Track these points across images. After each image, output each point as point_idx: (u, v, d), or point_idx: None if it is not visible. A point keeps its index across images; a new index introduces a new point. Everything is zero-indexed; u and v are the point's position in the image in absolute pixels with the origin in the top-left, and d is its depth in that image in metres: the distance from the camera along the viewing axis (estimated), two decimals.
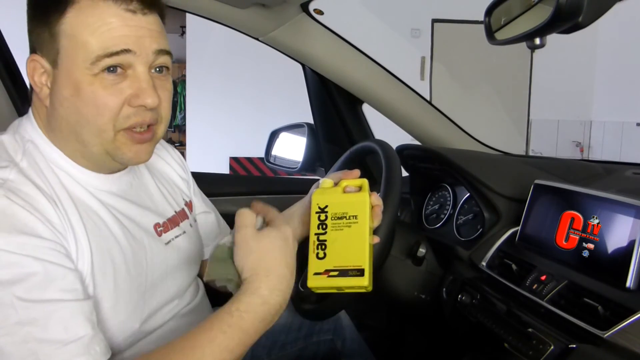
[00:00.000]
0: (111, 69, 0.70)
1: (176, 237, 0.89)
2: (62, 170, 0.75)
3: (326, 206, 0.79)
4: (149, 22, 0.73)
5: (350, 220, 0.77)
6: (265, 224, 0.78)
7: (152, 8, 0.73)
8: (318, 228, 0.78)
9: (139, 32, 0.71)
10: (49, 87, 0.72)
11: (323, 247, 0.77)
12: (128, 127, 0.73)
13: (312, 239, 0.78)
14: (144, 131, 0.75)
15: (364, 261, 0.75)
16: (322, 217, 0.78)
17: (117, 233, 0.77)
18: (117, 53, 0.70)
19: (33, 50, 0.73)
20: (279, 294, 0.71)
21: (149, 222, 0.84)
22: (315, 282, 0.76)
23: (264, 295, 0.70)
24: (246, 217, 0.75)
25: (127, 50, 0.70)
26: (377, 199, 0.82)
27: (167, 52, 0.75)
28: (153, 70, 0.75)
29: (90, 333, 0.66)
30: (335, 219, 0.78)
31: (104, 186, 0.79)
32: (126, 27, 0.70)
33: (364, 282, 0.75)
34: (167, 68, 0.77)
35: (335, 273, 0.75)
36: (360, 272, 0.75)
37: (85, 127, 0.72)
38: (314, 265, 0.77)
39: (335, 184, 0.83)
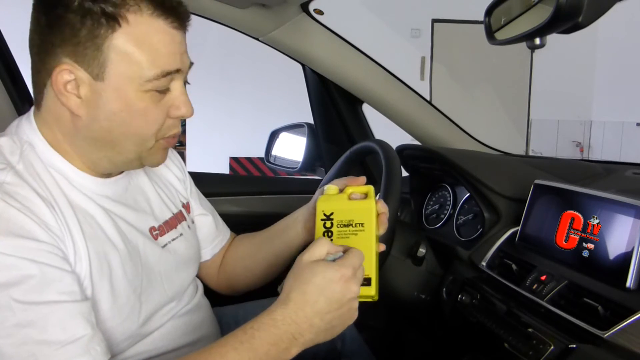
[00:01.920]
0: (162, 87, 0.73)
1: (173, 239, 0.89)
2: (58, 173, 0.74)
3: (332, 213, 0.77)
4: (184, 37, 0.75)
5: (356, 228, 0.76)
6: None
7: (187, 24, 0.75)
8: (324, 235, 0.76)
9: (181, 48, 0.74)
10: (80, 97, 0.70)
11: None
12: (168, 137, 0.78)
13: None
14: (175, 137, 0.80)
15: (371, 270, 0.74)
16: (328, 224, 0.77)
17: (113, 236, 0.77)
18: (170, 73, 0.72)
19: (58, 58, 0.69)
20: (293, 327, 0.68)
21: (145, 226, 0.84)
22: None
23: (275, 319, 0.68)
24: (320, 247, 0.72)
25: (178, 70, 0.73)
26: (383, 206, 0.81)
27: (191, 65, 0.78)
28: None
29: (90, 333, 0.66)
30: (341, 227, 0.76)
31: (100, 190, 0.78)
32: (174, 45, 0.72)
33: (371, 292, 0.73)
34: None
35: None
36: (367, 282, 0.73)
37: (131, 139, 0.74)
38: None
39: (341, 191, 0.82)
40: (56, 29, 0.68)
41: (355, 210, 0.77)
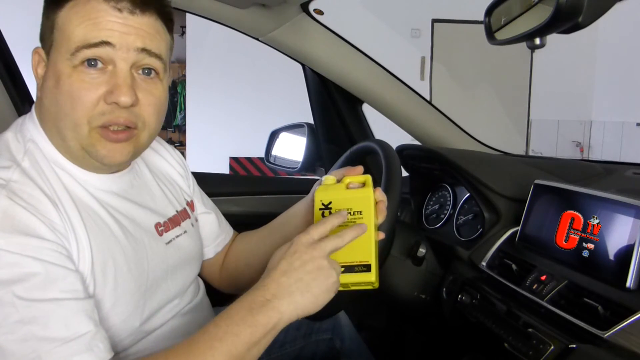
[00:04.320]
0: (91, 62, 0.70)
1: (177, 236, 0.89)
2: (63, 170, 0.75)
3: (330, 202, 0.77)
4: (138, 22, 0.72)
5: (354, 216, 0.76)
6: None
7: (144, 8, 0.72)
8: None
9: (124, 29, 0.71)
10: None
11: None
12: (102, 125, 0.72)
13: None
14: (119, 130, 0.73)
15: (370, 257, 0.74)
16: (326, 213, 0.77)
17: (117, 233, 0.77)
18: (96, 45, 0.69)
19: (40, 44, 0.76)
20: (262, 290, 0.69)
21: (150, 222, 0.84)
22: None
23: (248, 292, 0.70)
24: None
25: (106, 43, 0.70)
26: (381, 194, 0.81)
27: (157, 55, 0.74)
28: (140, 72, 0.74)
29: (93, 330, 0.67)
30: None
31: (104, 186, 0.79)
32: (110, 23, 0.70)
33: (371, 278, 0.74)
34: (157, 73, 0.75)
35: (342, 270, 0.74)
36: (367, 268, 0.74)
37: (63, 120, 0.72)
38: None
39: (338, 181, 0.82)
40: (42, 19, 0.75)
41: (353, 199, 0.77)
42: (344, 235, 0.72)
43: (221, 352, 0.65)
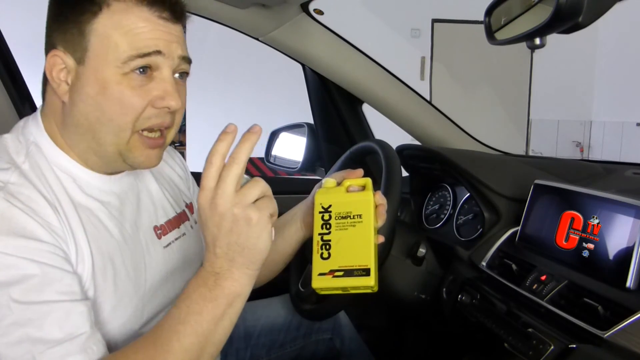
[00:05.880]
0: (141, 69, 0.71)
1: (176, 239, 0.89)
2: (64, 173, 0.75)
3: (330, 206, 0.77)
4: (177, 30, 0.75)
5: (354, 220, 0.76)
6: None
7: (181, 18, 0.76)
8: (322, 228, 0.76)
9: (169, 37, 0.73)
10: (69, 83, 0.73)
11: (327, 247, 0.75)
12: (147, 128, 0.74)
13: (316, 239, 0.76)
14: (157, 137, 0.76)
15: (370, 260, 0.74)
16: (326, 216, 0.77)
17: (116, 235, 0.77)
18: (148, 54, 0.71)
19: (52, 46, 0.73)
20: (207, 265, 0.68)
21: (149, 225, 0.84)
22: (320, 283, 0.75)
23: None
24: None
25: (158, 52, 0.72)
26: (381, 198, 0.81)
27: (189, 61, 0.77)
28: (176, 75, 0.76)
29: (88, 332, 0.66)
30: (339, 219, 0.76)
31: (105, 187, 0.79)
32: (158, 31, 0.72)
33: (370, 282, 0.73)
34: (187, 74, 0.79)
35: (341, 273, 0.74)
36: (366, 272, 0.73)
37: (105, 125, 0.73)
38: (318, 265, 0.75)
39: (338, 184, 0.82)
40: (53, 16, 0.73)
41: (353, 202, 0.77)
42: (233, 162, 0.64)
43: (186, 335, 0.65)
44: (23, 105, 1.27)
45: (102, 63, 0.71)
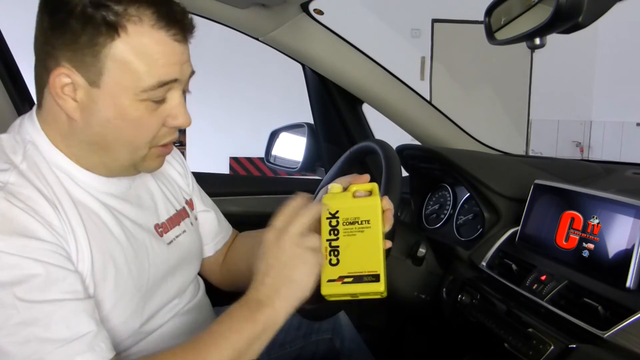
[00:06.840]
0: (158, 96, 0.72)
1: (177, 236, 0.89)
2: (62, 172, 0.75)
3: (337, 211, 0.76)
4: (187, 49, 0.75)
5: (362, 225, 0.75)
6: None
7: (191, 36, 0.76)
8: (330, 234, 0.76)
9: (182, 58, 0.74)
10: (77, 101, 0.71)
11: (336, 253, 0.75)
12: (162, 145, 0.78)
13: (324, 245, 0.75)
14: (167, 144, 0.80)
15: (379, 266, 0.73)
16: (334, 222, 0.76)
17: (118, 234, 0.77)
18: (167, 82, 0.72)
19: (57, 61, 0.69)
20: (252, 292, 0.72)
21: (150, 223, 0.85)
22: (330, 290, 0.74)
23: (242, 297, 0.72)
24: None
25: (175, 80, 0.73)
26: (388, 203, 0.80)
27: (194, 72, 0.79)
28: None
29: (94, 330, 0.67)
30: (347, 224, 0.76)
31: (104, 187, 0.79)
32: (174, 55, 0.72)
33: (380, 288, 0.73)
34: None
35: (350, 279, 0.73)
36: (375, 278, 0.73)
37: (124, 146, 0.74)
38: (327, 272, 0.74)
39: (344, 189, 0.81)
40: (58, 32, 0.68)
41: (361, 208, 0.77)
42: (304, 212, 0.73)
43: (225, 348, 0.69)
44: (23, 105, 1.27)
45: (120, 89, 0.70)
